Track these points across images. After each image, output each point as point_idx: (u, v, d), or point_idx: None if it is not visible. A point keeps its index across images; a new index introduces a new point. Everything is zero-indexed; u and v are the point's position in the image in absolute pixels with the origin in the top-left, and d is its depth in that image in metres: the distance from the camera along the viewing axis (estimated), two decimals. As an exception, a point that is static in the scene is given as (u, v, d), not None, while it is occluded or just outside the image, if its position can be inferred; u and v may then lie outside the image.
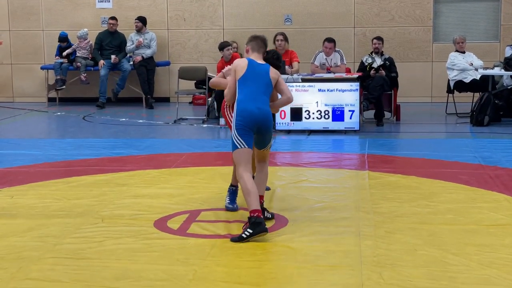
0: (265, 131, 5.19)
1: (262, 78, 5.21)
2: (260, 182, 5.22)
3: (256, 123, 5.11)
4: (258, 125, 5.13)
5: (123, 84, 13.02)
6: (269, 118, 5.18)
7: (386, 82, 10.61)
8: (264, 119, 5.13)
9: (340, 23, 13.28)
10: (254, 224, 4.74)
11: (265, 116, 5.14)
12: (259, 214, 4.80)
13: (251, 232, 4.70)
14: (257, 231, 4.71)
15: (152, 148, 8.63)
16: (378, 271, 4.07)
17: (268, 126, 5.19)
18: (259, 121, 5.11)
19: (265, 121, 5.14)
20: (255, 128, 5.12)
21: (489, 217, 5.26)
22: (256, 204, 4.86)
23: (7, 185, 6.48)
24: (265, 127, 5.17)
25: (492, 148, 8.28)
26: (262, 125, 5.14)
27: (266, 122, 5.16)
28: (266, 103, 5.19)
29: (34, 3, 13.94)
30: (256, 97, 5.16)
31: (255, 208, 4.81)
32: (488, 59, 12.13)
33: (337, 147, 8.92)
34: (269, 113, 5.19)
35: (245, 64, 5.22)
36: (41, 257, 4.39)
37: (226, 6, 13.57)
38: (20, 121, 11.70)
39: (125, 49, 13.21)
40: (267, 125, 5.18)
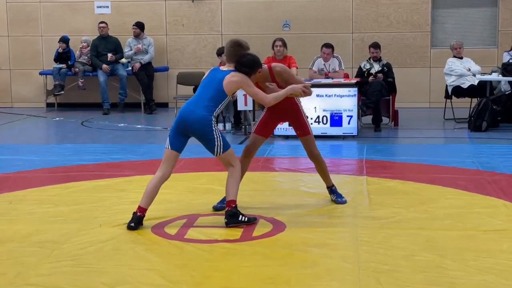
0: (196, 134, 5.15)
1: (213, 85, 5.21)
2: (228, 187, 5.24)
3: (182, 125, 5.15)
4: (184, 127, 5.15)
5: (124, 92, 13.06)
6: (196, 120, 5.09)
7: (384, 88, 10.63)
8: (189, 121, 5.11)
9: (338, 29, 13.30)
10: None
11: (191, 117, 5.11)
12: (138, 211, 5.12)
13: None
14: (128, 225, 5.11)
15: (150, 153, 8.63)
16: (376, 277, 4.08)
17: (195, 129, 5.12)
18: (184, 123, 5.14)
19: (190, 122, 5.10)
20: (182, 130, 5.16)
21: (487, 222, 5.27)
22: (143, 201, 5.14)
23: (6, 190, 6.48)
24: (193, 130, 5.13)
25: (490, 153, 8.29)
26: (189, 127, 5.13)
27: (192, 124, 5.10)
28: (204, 108, 5.13)
29: (33, 8, 13.95)
30: (197, 101, 5.20)
31: (140, 205, 5.15)
32: (486, 65, 12.14)
33: (335, 152, 8.93)
34: (200, 116, 5.10)
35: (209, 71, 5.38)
36: (40, 263, 4.39)
37: (225, 12, 13.60)
38: (19, 127, 11.70)
39: (121, 51, 13.24)
40: (194, 127, 5.11)
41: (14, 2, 13.94)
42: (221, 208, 5.67)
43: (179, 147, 5.24)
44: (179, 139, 5.22)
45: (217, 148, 5.16)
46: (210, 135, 5.14)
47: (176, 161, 5.29)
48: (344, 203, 5.81)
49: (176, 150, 5.23)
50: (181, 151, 5.28)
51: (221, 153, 5.19)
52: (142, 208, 5.20)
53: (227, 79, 5.20)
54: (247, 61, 5.26)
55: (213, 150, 5.18)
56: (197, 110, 5.15)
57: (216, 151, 5.18)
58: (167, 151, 5.25)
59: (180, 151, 5.27)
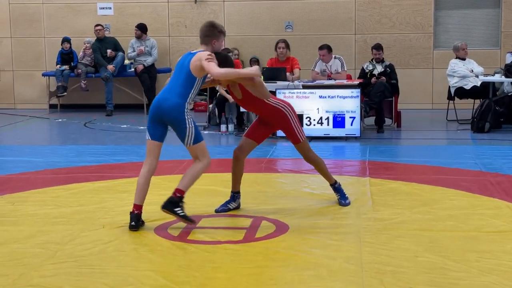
0: (170, 121, 5.07)
1: (183, 69, 5.11)
2: (184, 176, 5.16)
3: (156, 113, 5.08)
4: (159, 115, 5.07)
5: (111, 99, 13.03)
6: (170, 107, 5.02)
7: (387, 89, 10.63)
8: (162, 108, 5.03)
9: (341, 30, 13.31)
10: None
11: (164, 105, 5.03)
12: (134, 209, 5.11)
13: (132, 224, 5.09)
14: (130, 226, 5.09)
15: (153, 154, 8.62)
16: (379, 278, 4.07)
17: (169, 116, 5.03)
18: (158, 111, 5.06)
19: (164, 110, 5.02)
20: (158, 118, 5.09)
21: (490, 223, 5.26)
22: (136, 198, 5.15)
23: (9, 191, 6.49)
24: (167, 118, 5.05)
25: (492, 154, 8.28)
26: (163, 115, 5.05)
27: (166, 112, 5.02)
28: (177, 95, 5.05)
29: (36, 10, 13.98)
30: (170, 88, 5.12)
31: (135, 203, 5.15)
32: (489, 66, 12.14)
33: (338, 153, 8.92)
34: (174, 103, 5.02)
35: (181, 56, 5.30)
36: (43, 264, 4.39)
37: (227, 13, 13.60)
38: (22, 128, 11.71)
39: (121, 49, 13.27)
40: (168, 115, 5.03)
41: (17, 3, 13.96)
42: (224, 210, 5.67)
43: (159, 136, 5.16)
44: (157, 128, 5.15)
45: (187, 137, 5.06)
46: (182, 123, 5.04)
47: (159, 151, 5.21)
48: (348, 205, 5.79)
49: (157, 140, 5.17)
50: (162, 139, 5.20)
51: (191, 143, 5.08)
52: (138, 206, 5.17)
53: (193, 61, 5.09)
54: (220, 58, 5.25)
55: (184, 139, 5.08)
56: (170, 97, 5.07)
57: (186, 141, 5.07)
58: (148, 142, 5.20)
59: (161, 139, 5.19)
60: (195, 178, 5.16)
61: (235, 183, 5.76)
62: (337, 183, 5.90)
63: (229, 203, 5.75)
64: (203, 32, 5.32)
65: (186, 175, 5.15)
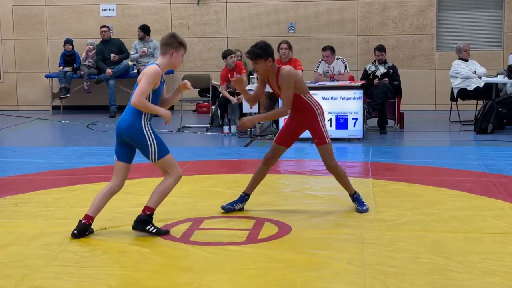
0: (131, 141, 4.94)
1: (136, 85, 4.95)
2: (153, 192, 5.05)
3: (118, 134, 4.98)
4: (120, 136, 4.97)
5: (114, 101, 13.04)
6: (127, 127, 4.89)
7: (389, 90, 10.63)
8: (121, 129, 4.93)
9: (344, 31, 13.31)
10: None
11: (122, 126, 4.92)
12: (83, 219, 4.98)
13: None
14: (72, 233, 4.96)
15: (156, 156, 8.63)
16: (382, 279, 4.07)
17: (128, 137, 4.91)
18: (119, 132, 4.97)
19: (122, 131, 4.92)
20: (120, 139, 4.97)
21: (492, 225, 5.26)
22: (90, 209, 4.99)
23: (12, 193, 6.50)
24: (126, 138, 4.93)
25: (495, 156, 8.27)
26: (123, 137, 4.95)
27: (124, 132, 4.91)
28: (132, 114, 4.89)
29: (39, 11, 14.00)
30: (128, 107, 4.97)
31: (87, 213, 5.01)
32: (492, 67, 12.14)
33: (340, 155, 8.91)
34: (129, 124, 4.88)
35: None
36: (46, 265, 4.40)
37: (230, 15, 13.62)
38: (25, 129, 11.73)
39: (126, 51, 13.28)
40: (126, 135, 4.91)
41: (20, 5, 13.99)
42: (229, 210, 5.67)
43: (125, 157, 5.03)
44: (122, 149, 5.03)
45: (151, 154, 4.93)
46: (142, 140, 4.90)
47: (126, 172, 5.06)
48: (366, 211, 5.65)
49: (123, 161, 5.03)
50: (129, 160, 5.06)
51: (156, 159, 4.96)
52: (88, 216, 5.02)
53: (140, 75, 4.93)
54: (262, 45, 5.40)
55: (148, 156, 4.95)
56: (126, 117, 4.93)
57: (150, 157, 4.95)
58: (115, 162, 5.08)
59: (128, 160, 5.05)
60: (165, 194, 5.06)
61: (251, 186, 5.76)
62: (356, 193, 5.78)
63: (236, 203, 5.75)
64: (162, 41, 5.17)
65: (156, 192, 5.05)
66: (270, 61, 5.46)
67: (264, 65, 5.44)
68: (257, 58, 5.41)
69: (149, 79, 4.85)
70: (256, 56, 5.41)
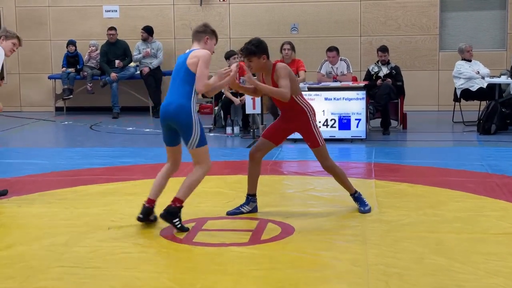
0: (176, 124, 5.02)
1: (181, 69, 5.09)
2: (183, 184, 5.14)
3: (164, 119, 5.08)
4: (166, 120, 5.06)
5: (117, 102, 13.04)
6: (175, 110, 4.99)
7: (392, 91, 10.62)
8: (168, 112, 5.02)
9: (347, 32, 13.30)
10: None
11: (169, 109, 5.01)
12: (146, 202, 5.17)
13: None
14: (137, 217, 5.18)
15: (159, 157, 8.62)
16: (385, 280, 4.07)
17: (176, 119, 4.99)
18: (165, 116, 5.07)
19: (170, 114, 5.01)
20: (166, 124, 5.08)
21: (496, 225, 5.25)
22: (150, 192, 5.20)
23: (15, 194, 6.50)
24: (174, 121, 5.01)
25: (499, 156, 8.26)
26: (170, 120, 5.04)
27: (172, 116, 5.00)
28: (180, 95, 5.00)
29: (42, 13, 14.02)
30: (172, 91, 5.11)
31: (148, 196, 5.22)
32: (495, 68, 12.11)
33: (343, 155, 8.91)
34: (177, 105, 4.98)
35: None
36: (49, 266, 4.40)
37: (233, 15, 13.62)
38: (28, 130, 11.75)
39: (130, 55, 13.28)
40: (175, 119, 4.99)
41: (23, 6, 14.01)
42: (235, 213, 5.65)
43: (172, 141, 5.20)
44: (168, 134, 5.19)
45: (192, 139, 5.02)
46: (190, 125, 5.00)
47: (177, 155, 5.24)
48: (368, 212, 5.64)
49: (171, 145, 5.20)
50: (176, 144, 5.20)
51: (194, 146, 5.05)
52: (150, 200, 5.24)
53: (190, 57, 5.08)
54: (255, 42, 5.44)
55: (188, 141, 5.03)
56: (172, 100, 5.05)
57: (190, 143, 5.03)
58: (166, 148, 5.27)
59: (175, 144, 5.20)
60: (194, 186, 5.15)
61: (250, 185, 5.68)
62: (357, 193, 5.76)
63: (242, 206, 5.71)
64: (196, 29, 5.33)
65: (185, 183, 5.13)
66: (264, 58, 5.40)
67: (258, 62, 5.38)
68: (250, 55, 5.34)
69: (206, 63, 5.05)
70: (249, 53, 5.35)
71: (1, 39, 6.50)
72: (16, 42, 6.54)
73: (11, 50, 6.55)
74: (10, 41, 6.50)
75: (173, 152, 5.22)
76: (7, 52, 6.52)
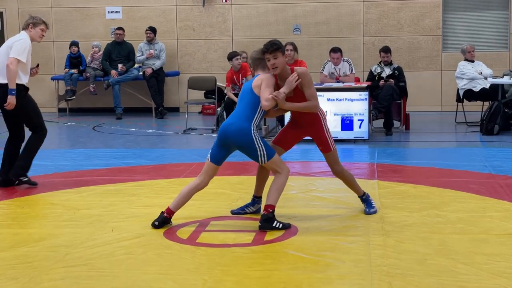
0: (238, 145, 5.22)
1: (246, 94, 5.31)
2: (269, 191, 5.27)
3: (223, 138, 5.23)
4: (225, 139, 5.22)
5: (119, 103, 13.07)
6: (236, 131, 5.17)
7: (395, 91, 10.62)
8: (228, 132, 5.20)
9: (349, 33, 13.30)
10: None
11: (231, 129, 5.18)
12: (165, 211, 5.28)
13: None
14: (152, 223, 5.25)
15: (161, 158, 8.65)
16: (388, 281, 4.07)
17: (237, 141, 5.19)
18: (225, 135, 5.22)
19: (230, 134, 5.19)
20: (224, 143, 5.23)
21: (499, 226, 5.25)
22: (172, 203, 5.30)
23: (18, 195, 6.51)
24: (234, 142, 5.20)
25: (502, 157, 8.25)
26: (229, 140, 5.21)
27: (232, 136, 5.18)
28: (243, 119, 5.20)
29: (45, 14, 14.01)
30: (236, 114, 5.29)
31: (169, 206, 5.30)
32: (498, 68, 12.11)
33: (346, 156, 8.90)
34: (239, 127, 5.17)
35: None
36: (52, 267, 4.41)
37: (235, 16, 13.63)
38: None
39: (133, 58, 13.29)
40: (235, 139, 5.18)
41: (26, 7, 14.03)
42: (239, 213, 5.66)
43: (218, 160, 5.32)
44: (220, 152, 5.30)
45: (260, 157, 5.21)
46: (252, 145, 5.18)
47: (214, 173, 5.37)
48: (374, 213, 5.62)
49: (215, 163, 5.31)
50: (221, 163, 5.35)
51: (265, 161, 5.23)
52: (170, 210, 5.32)
53: (255, 82, 5.28)
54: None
55: (257, 159, 5.23)
56: (236, 122, 5.23)
57: (260, 160, 5.23)
58: (207, 162, 5.35)
59: (219, 163, 5.34)
60: (281, 190, 5.29)
61: (258, 188, 5.71)
62: (365, 195, 5.74)
63: (247, 206, 5.73)
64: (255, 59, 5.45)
65: (271, 189, 5.26)
66: (285, 57, 5.41)
67: (283, 59, 5.31)
68: (277, 50, 5.25)
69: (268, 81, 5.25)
70: (277, 48, 5.23)
71: (29, 27, 6.89)
72: (44, 27, 6.98)
73: (40, 36, 6.99)
74: (38, 28, 6.93)
75: (212, 169, 5.35)
76: (37, 38, 6.95)
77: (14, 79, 6.63)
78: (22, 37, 6.81)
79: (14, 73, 6.61)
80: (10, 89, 6.64)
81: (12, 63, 6.61)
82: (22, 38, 6.79)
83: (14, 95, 6.64)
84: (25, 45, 6.73)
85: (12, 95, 6.63)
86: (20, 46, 6.68)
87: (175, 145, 10.00)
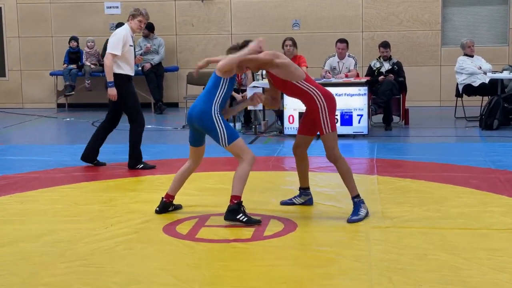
0: (200, 127, 5.26)
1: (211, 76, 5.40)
2: (233, 181, 5.23)
3: (190, 121, 5.35)
4: (191, 122, 5.32)
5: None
6: (197, 114, 5.22)
7: (395, 87, 10.61)
8: (192, 116, 5.28)
9: (348, 28, 13.28)
10: None
11: (194, 112, 5.26)
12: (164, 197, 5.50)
13: None
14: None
15: (161, 153, 8.65)
16: (389, 276, 4.06)
17: (198, 123, 5.23)
18: (190, 119, 5.33)
19: (193, 117, 5.27)
20: (192, 125, 5.35)
21: (500, 221, 5.24)
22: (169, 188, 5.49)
23: (18, 191, 6.51)
24: (197, 124, 5.26)
25: (502, 151, 8.25)
26: (194, 122, 5.29)
27: (195, 118, 5.25)
28: (204, 101, 5.23)
29: (43, 9, 14.01)
30: (200, 95, 5.36)
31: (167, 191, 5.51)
32: (497, 63, 12.10)
33: (345, 151, 8.84)
34: (200, 109, 5.21)
35: None
36: (52, 263, 4.40)
37: (234, 11, 13.60)
38: (30, 127, 11.74)
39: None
40: (197, 121, 5.24)
41: (24, 3, 14.00)
42: (286, 203, 5.76)
43: (195, 142, 5.43)
44: (193, 135, 5.42)
45: (221, 139, 5.20)
46: (212, 126, 5.20)
47: (198, 154, 5.48)
48: (354, 222, 5.22)
49: (193, 145, 5.44)
50: (199, 144, 5.43)
51: (226, 144, 5.21)
52: (168, 195, 5.50)
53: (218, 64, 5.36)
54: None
55: (218, 141, 5.24)
56: (198, 104, 5.28)
57: (221, 143, 5.22)
58: (190, 147, 5.49)
59: (198, 144, 5.43)
60: (244, 179, 5.21)
61: (301, 180, 5.77)
62: (358, 198, 5.37)
63: (295, 198, 5.81)
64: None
65: (235, 179, 5.22)
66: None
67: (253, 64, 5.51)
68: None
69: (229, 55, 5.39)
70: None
71: (130, 18, 7.32)
72: (142, 19, 7.32)
73: (138, 27, 7.39)
74: (137, 19, 7.29)
75: (194, 152, 5.47)
76: (136, 29, 7.36)
77: (110, 72, 7.23)
78: (117, 31, 7.31)
79: (109, 68, 7.22)
80: (108, 81, 7.24)
81: (107, 58, 7.20)
82: (116, 33, 7.29)
83: (112, 87, 7.24)
84: (118, 39, 7.18)
85: (110, 87, 7.18)
86: (112, 42, 7.22)
87: (174, 141, 9.99)
